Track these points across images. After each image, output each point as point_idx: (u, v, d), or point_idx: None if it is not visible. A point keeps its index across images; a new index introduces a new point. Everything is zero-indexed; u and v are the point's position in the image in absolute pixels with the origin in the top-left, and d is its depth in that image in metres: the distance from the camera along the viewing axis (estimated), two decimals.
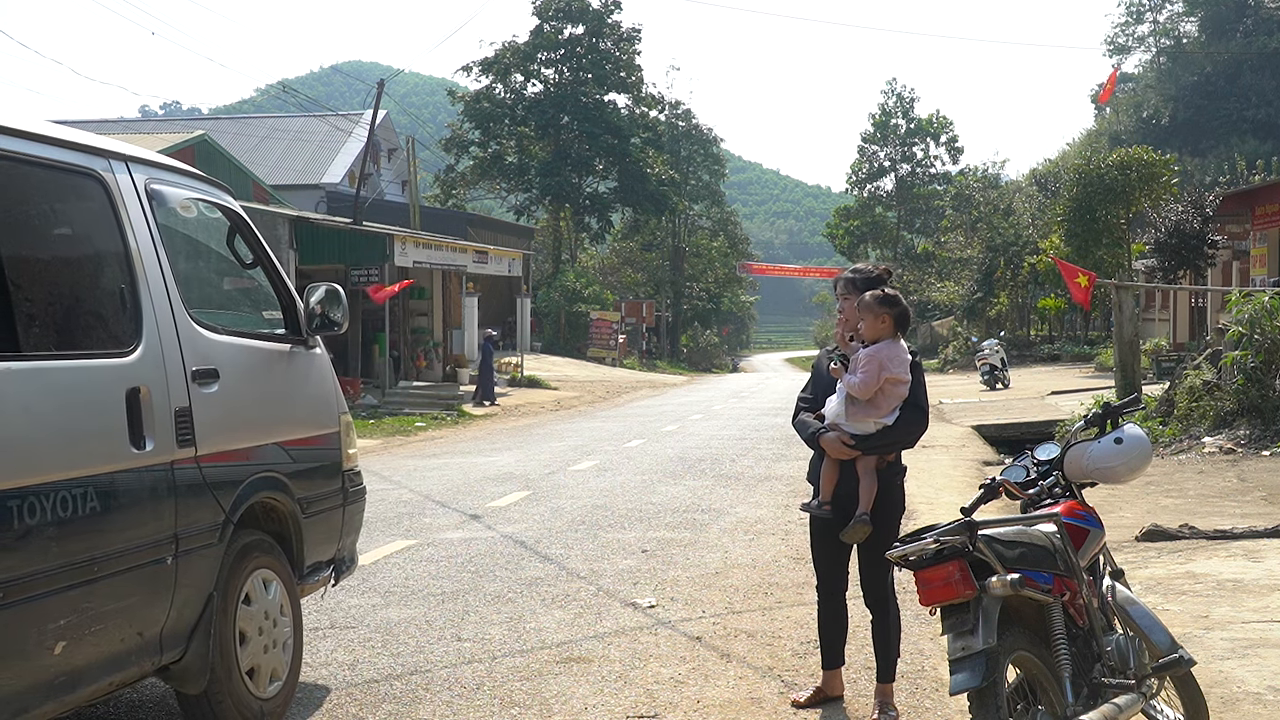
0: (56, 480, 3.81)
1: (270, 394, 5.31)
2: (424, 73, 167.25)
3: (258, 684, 4.94)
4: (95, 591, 3.98)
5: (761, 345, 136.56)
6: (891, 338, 5.00)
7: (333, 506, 5.76)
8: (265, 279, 5.59)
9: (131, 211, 4.52)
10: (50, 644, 3.79)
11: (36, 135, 4.14)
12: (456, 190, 58.74)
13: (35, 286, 4.00)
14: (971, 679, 3.72)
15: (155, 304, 4.50)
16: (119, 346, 4.29)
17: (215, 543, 4.67)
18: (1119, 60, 75.11)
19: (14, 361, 3.75)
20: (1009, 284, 46.69)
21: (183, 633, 4.51)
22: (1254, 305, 13.92)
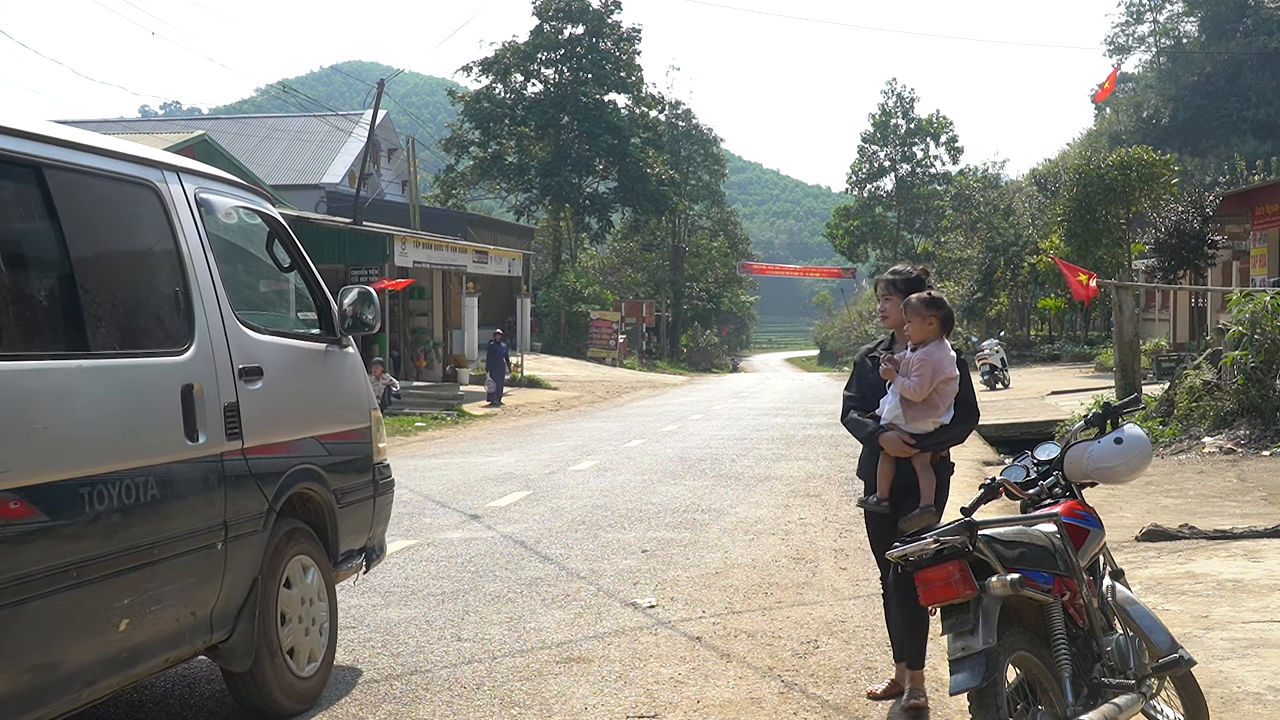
0: (121, 469, 4.12)
1: (308, 390, 5.64)
2: (424, 73, 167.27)
3: (298, 663, 5.25)
4: (155, 573, 4.28)
5: (761, 345, 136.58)
6: (938, 339, 5.11)
7: (364, 497, 6.05)
8: (301, 281, 5.90)
9: (183, 219, 4.83)
10: (116, 621, 4.09)
11: (99, 149, 4.48)
12: (456, 190, 58.74)
13: (101, 290, 4.33)
14: (971, 679, 3.72)
15: (205, 306, 4.83)
16: (174, 346, 4.62)
17: (260, 530, 4.97)
18: (1119, 60, 75.11)
19: (84, 360, 4.06)
20: (1009, 284, 46.70)
21: (230, 613, 4.83)
22: (1254, 305, 13.91)
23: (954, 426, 5.16)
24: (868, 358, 5.47)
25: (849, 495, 11.91)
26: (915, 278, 5.32)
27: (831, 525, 10.08)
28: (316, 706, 5.36)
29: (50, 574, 3.75)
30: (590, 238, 62.65)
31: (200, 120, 64.71)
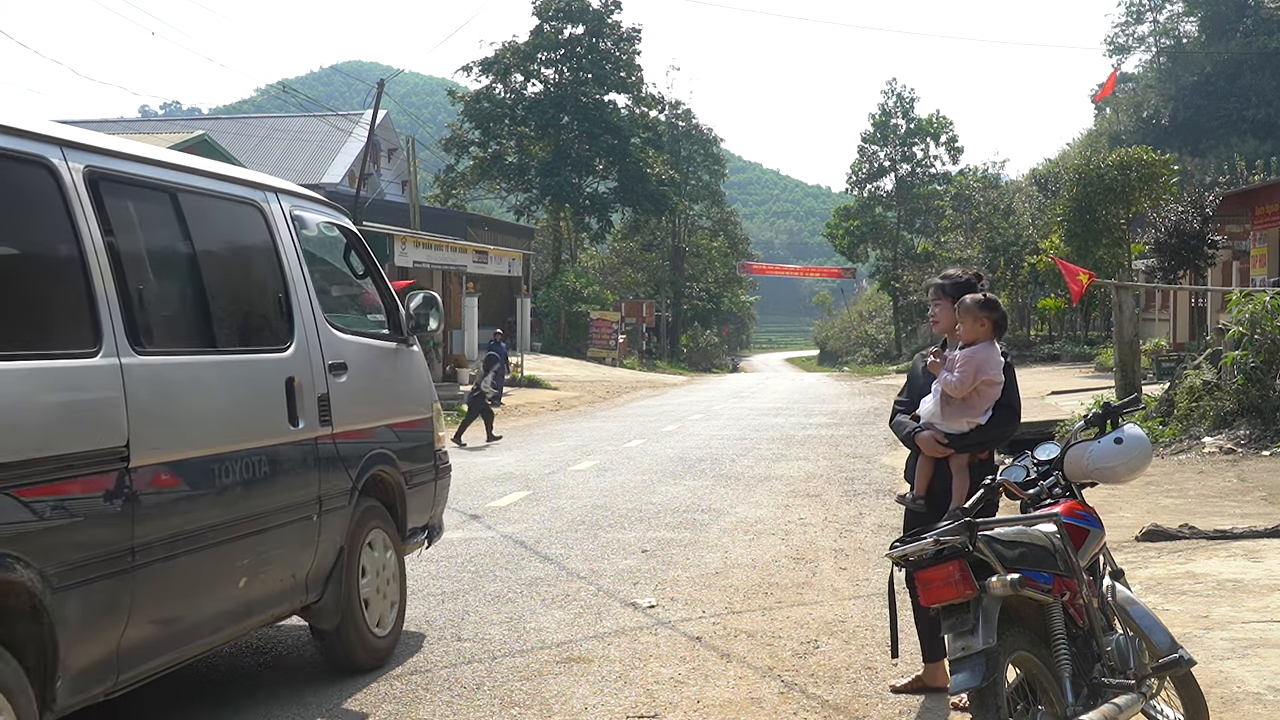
0: (241, 449, 4.87)
1: (382, 384, 6.36)
2: (424, 73, 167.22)
3: (373, 624, 5.95)
4: (266, 539, 5.03)
5: (761, 345, 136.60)
6: (989, 340, 5.19)
7: (428, 480, 6.77)
8: (373, 287, 6.67)
9: (283, 234, 5.60)
10: (237, 578, 4.87)
11: (215, 174, 5.32)
12: (456, 190, 58.72)
13: (223, 295, 5.12)
14: (971, 679, 3.72)
15: (301, 308, 5.57)
16: (279, 343, 5.36)
17: (346, 505, 5.70)
18: (1119, 60, 75.08)
19: (212, 355, 4.85)
20: (1009, 284, 46.69)
21: (322, 578, 5.56)
22: (1254, 305, 13.91)
23: (991, 429, 5.23)
24: (921, 360, 5.56)
25: (849, 495, 11.91)
26: (967, 281, 5.43)
27: (831, 525, 10.08)
28: (318, 707, 5.36)
29: (191, 535, 4.50)
30: (590, 238, 62.64)
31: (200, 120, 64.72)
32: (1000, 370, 5.19)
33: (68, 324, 4.12)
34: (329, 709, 5.35)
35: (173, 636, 4.52)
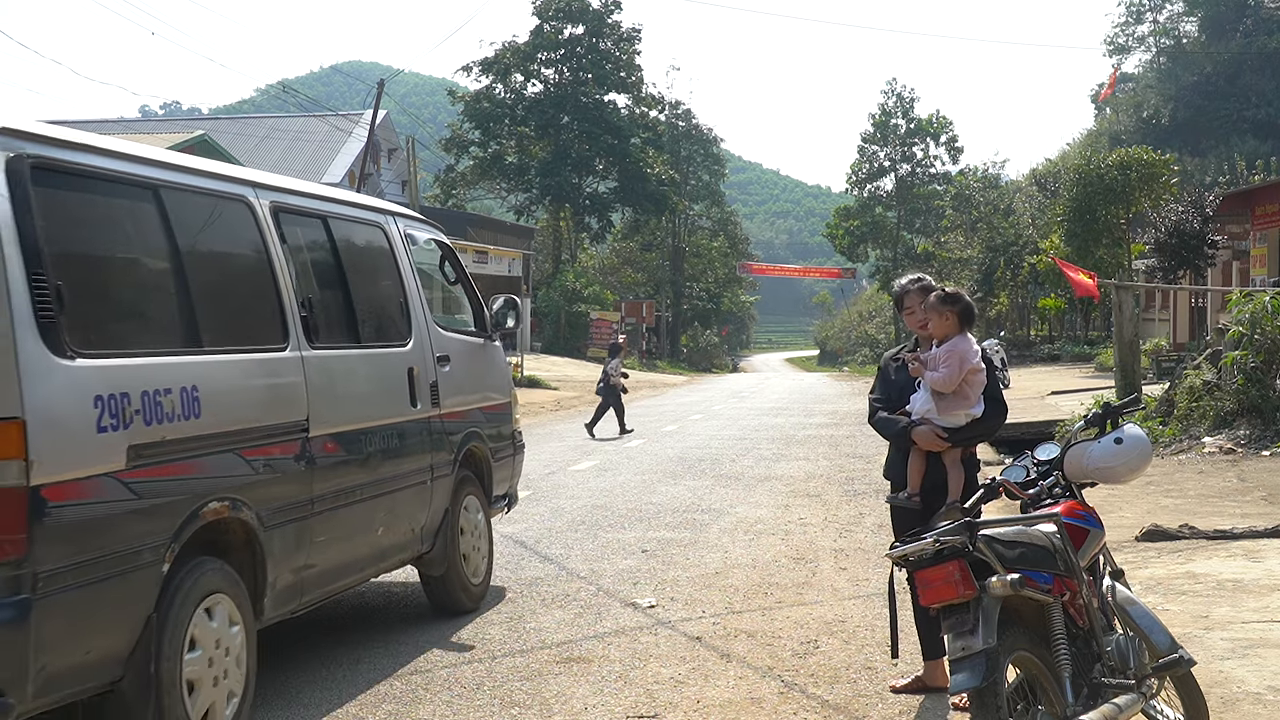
0: (379, 425, 6.11)
1: (474, 373, 7.54)
2: (424, 73, 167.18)
3: (470, 573, 7.09)
4: (396, 499, 6.23)
5: (761, 345, 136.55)
6: (959, 333, 5.25)
7: (508, 455, 7.97)
8: (463, 292, 7.83)
9: (400, 250, 6.87)
10: (377, 528, 6.08)
11: (354, 203, 6.73)
12: (456, 190, 58.71)
13: (364, 299, 6.32)
14: (971, 679, 3.72)
15: (416, 311, 6.79)
16: (401, 340, 6.59)
17: (449, 474, 6.89)
18: (1119, 60, 75.06)
19: (359, 349, 6.08)
20: (1009, 284, 46.67)
21: (432, 532, 6.71)
22: (1254, 305, 13.91)
23: (985, 420, 5.31)
24: (891, 361, 5.63)
25: (849, 495, 11.91)
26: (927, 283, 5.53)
27: (831, 525, 10.08)
28: (317, 707, 5.37)
29: (348, 491, 5.71)
30: (590, 238, 62.63)
31: (200, 120, 64.69)
32: (980, 359, 5.28)
33: (266, 325, 5.33)
34: (329, 709, 5.35)
35: (335, 571, 5.75)
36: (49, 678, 3.87)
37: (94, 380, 4.13)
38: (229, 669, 4.70)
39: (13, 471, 3.77)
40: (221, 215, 5.21)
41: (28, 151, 4.11)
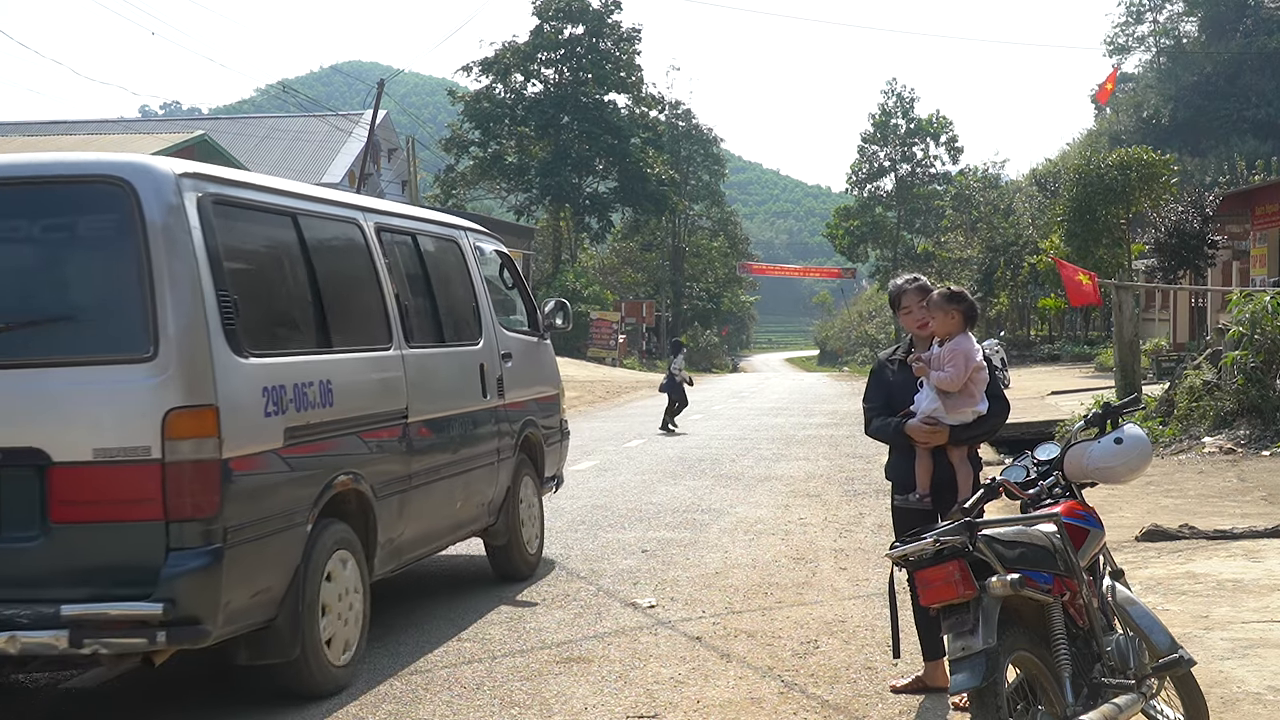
0: (459, 412, 7.09)
1: (529, 368, 8.44)
2: (424, 73, 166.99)
3: (528, 544, 8.04)
4: (471, 477, 7.20)
5: (761, 345, 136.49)
6: (961, 332, 5.27)
7: (557, 441, 8.94)
8: (518, 296, 8.85)
9: (471, 260, 7.89)
10: (456, 502, 7.04)
11: (436, 220, 7.90)
12: (456, 190, 58.71)
13: (447, 305, 7.32)
14: (971, 679, 3.72)
15: (485, 314, 7.82)
16: (474, 339, 7.59)
17: (510, 456, 7.82)
18: (1119, 60, 75.05)
19: (444, 348, 7.10)
20: (1009, 284, 46.65)
21: (497, 507, 7.66)
22: (1254, 305, 13.90)
23: (991, 417, 5.34)
24: (888, 363, 5.60)
25: (849, 495, 11.90)
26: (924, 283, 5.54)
27: (831, 525, 10.08)
28: (317, 707, 5.37)
29: (436, 469, 6.67)
30: (590, 238, 62.62)
31: (200, 120, 64.63)
32: (981, 357, 5.31)
33: (376, 328, 6.31)
34: (329, 709, 5.35)
35: (424, 538, 6.74)
36: (231, 612, 4.84)
37: (261, 375, 5.12)
38: (351, 612, 5.71)
39: (209, 447, 4.76)
40: (340, 236, 6.28)
41: (209, 190, 5.09)
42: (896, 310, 5.66)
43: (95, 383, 4.76)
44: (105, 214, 4.89)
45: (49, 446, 4.72)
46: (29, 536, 4.72)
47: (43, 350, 4.82)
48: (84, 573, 4.71)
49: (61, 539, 4.71)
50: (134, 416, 4.72)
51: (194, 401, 4.75)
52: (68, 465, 4.71)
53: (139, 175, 4.89)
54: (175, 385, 4.73)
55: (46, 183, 5.03)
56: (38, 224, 4.96)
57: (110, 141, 35.92)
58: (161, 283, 4.76)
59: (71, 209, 4.96)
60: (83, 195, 4.96)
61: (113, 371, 4.76)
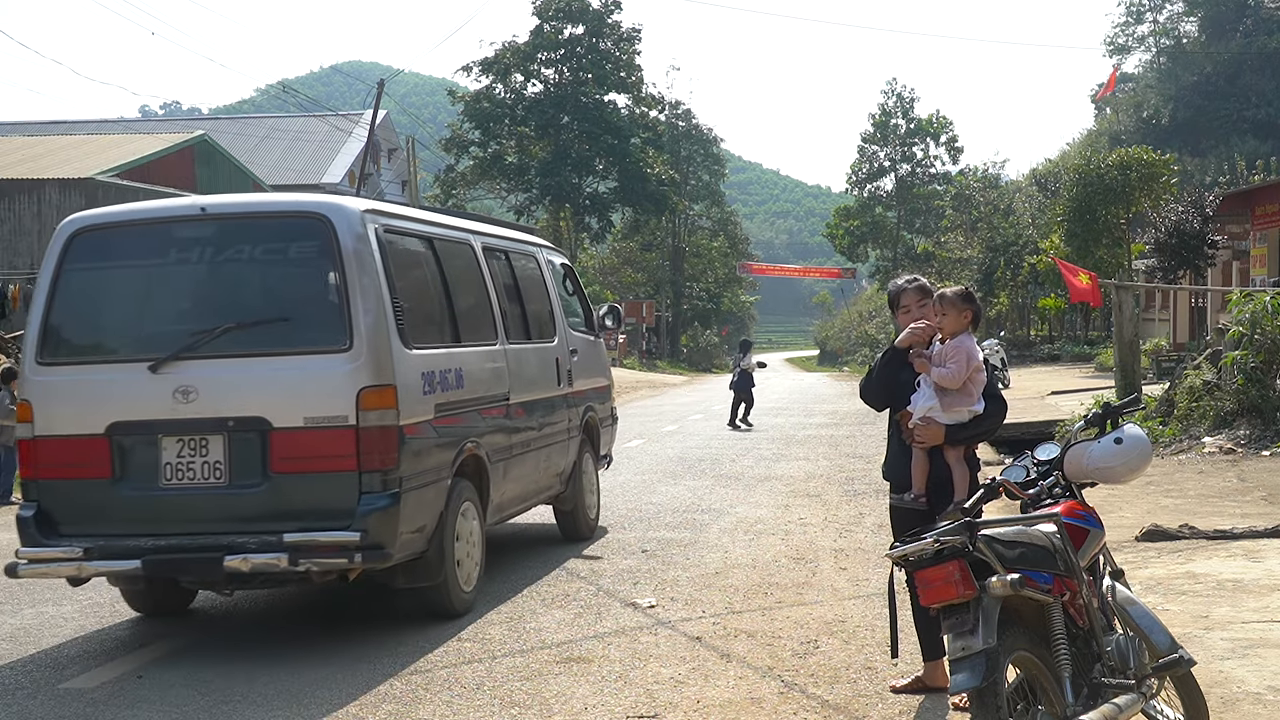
0: (544, 398, 8.65)
1: (589, 362, 10.04)
2: (424, 73, 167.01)
3: (588, 510, 9.67)
4: (551, 451, 8.76)
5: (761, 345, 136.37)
6: (968, 331, 5.32)
7: (609, 424, 10.63)
8: (578, 300, 10.31)
9: (546, 271, 9.55)
10: (541, 470, 8.58)
11: (523, 239, 9.52)
12: (456, 190, 58.65)
13: (532, 310, 8.88)
14: (971, 679, 3.72)
15: (558, 316, 9.44)
16: (551, 338, 9.15)
17: (576, 435, 9.43)
18: (1119, 60, 75.03)
19: (531, 344, 8.63)
20: (1009, 284, 46.64)
21: (565, 477, 9.21)
22: (1254, 305, 13.90)
23: (988, 417, 5.34)
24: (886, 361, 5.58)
25: (849, 495, 11.90)
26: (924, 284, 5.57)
27: (831, 525, 10.08)
28: (317, 707, 5.37)
29: (527, 443, 8.20)
30: (590, 238, 62.57)
31: (200, 120, 64.62)
32: (981, 358, 5.34)
33: (486, 327, 7.88)
34: (329, 709, 5.35)
35: (517, 498, 8.28)
36: (403, 542, 6.29)
37: (421, 363, 6.66)
38: (473, 552, 7.17)
39: (390, 416, 6.24)
40: (461, 253, 7.86)
41: (381, 222, 6.71)
42: (895, 310, 5.68)
43: (305, 368, 6.29)
44: (311, 241, 6.43)
45: (270, 415, 6.23)
46: (255, 484, 6.24)
47: (265, 344, 6.35)
48: (296, 511, 6.18)
49: (279, 485, 6.21)
50: (335, 393, 6.21)
51: (380, 382, 6.25)
52: (284, 430, 6.21)
53: (335, 212, 6.44)
54: (366, 370, 6.23)
55: (267, 217, 6.78)
56: (260, 248, 6.55)
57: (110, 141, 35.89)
58: (354, 293, 6.27)
59: (286, 237, 6.56)
60: (294, 227, 6.57)
61: (318, 359, 6.30)
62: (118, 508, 6.36)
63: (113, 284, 6.73)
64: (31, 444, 6.47)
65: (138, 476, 6.35)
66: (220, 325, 6.37)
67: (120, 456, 6.35)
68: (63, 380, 6.49)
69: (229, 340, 6.35)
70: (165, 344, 6.39)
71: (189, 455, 6.30)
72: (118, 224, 6.80)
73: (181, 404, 6.27)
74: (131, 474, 6.36)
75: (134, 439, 6.35)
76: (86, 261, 6.61)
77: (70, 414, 6.42)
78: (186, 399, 6.28)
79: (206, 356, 6.33)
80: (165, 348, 6.37)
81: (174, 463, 6.30)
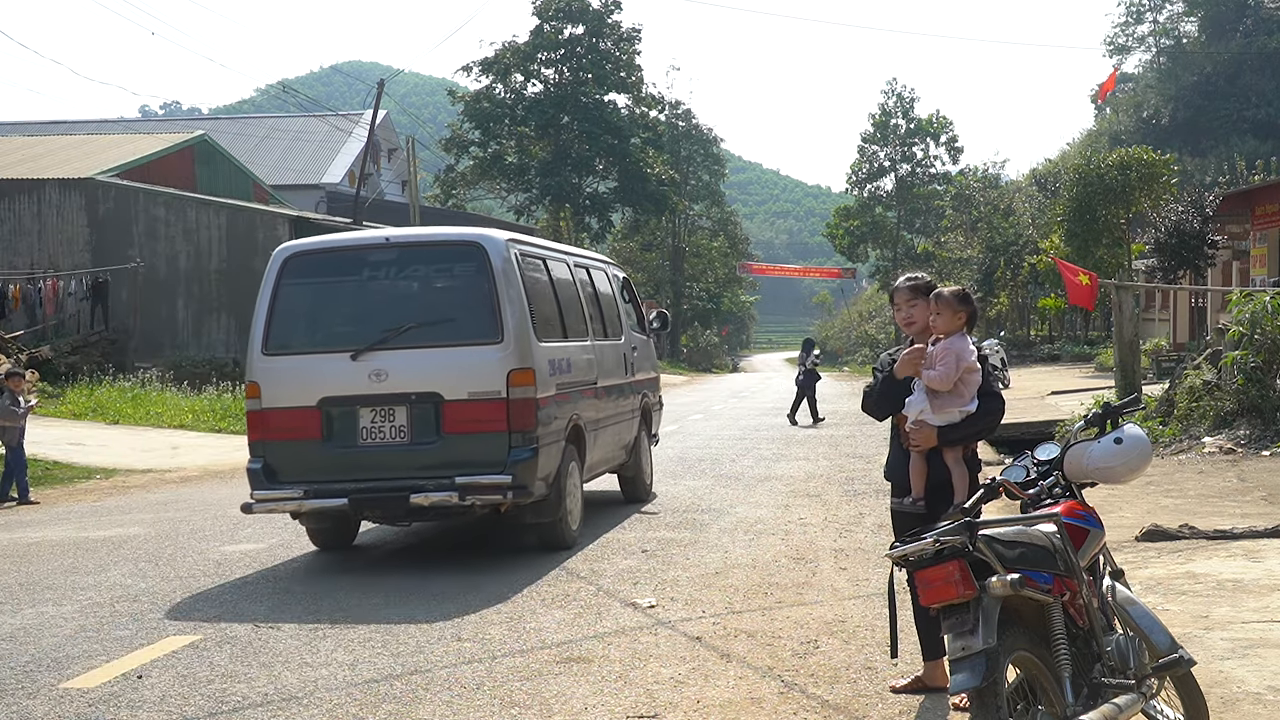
0: (617, 383, 10.86)
1: (643, 357, 12.26)
2: (424, 73, 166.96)
3: (646, 477, 11.87)
4: (620, 426, 10.89)
5: (762, 345, 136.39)
6: (962, 332, 5.28)
7: (658, 409, 12.86)
8: (632, 306, 12.39)
9: (614, 284, 11.81)
10: (615, 441, 10.75)
11: (602, 260, 12.16)
12: (456, 190, 58.66)
13: (606, 314, 11.11)
14: (971, 679, 3.71)
15: (623, 319, 11.67)
16: (619, 336, 11.31)
17: (637, 415, 11.62)
18: (1119, 60, 75.07)
19: (608, 340, 10.88)
20: (1009, 284, 46.66)
21: (629, 449, 11.30)
22: (1254, 305, 13.90)
23: (981, 417, 5.27)
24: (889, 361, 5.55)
25: (849, 495, 11.90)
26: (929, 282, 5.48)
27: (831, 525, 10.08)
28: (317, 707, 5.38)
29: (608, 418, 10.40)
30: (590, 238, 62.53)
31: (200, 120, 64.66)
32: (975, 357, 5.28)
33: (582, 327, 10.09)
34: (329, 709, 5.35)
35: (601, 462, 10.47)
36: (537, 485, 8.34)
37: (547, 353, 8.82)
38: (577, 499, 9.37)
39: (530, 391, 8.35)
40: (563, 269, 10.15)
41: (517, 249, 8.93)
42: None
43: (468, 356, 8.39)
44: (470, 262, 8.62)
45: (442, 391, 8.31)
46: (431, 441, 8.34)
47: (437, 338, 8.51)
48: (462, 461, 8.25)
49: (450, 442, 8.29)
50: (491, 374, 8.31)
51: (523, 365, 8.40)
52: (453, 401, 8.30)
53: (487, 241, 8.67)
54: (514, 357, 8.36)
55: (437, 245, 9.15)
56: (432, 268, 8.86)
57: (110, 141, 35.89)
58: (503, 300, 8.43)
59: (451, 259, 8.86)
60: (457, 252, 8.87)
61: (478, 349, 8.39)
62: (326, 461, 8.40)
63: (318, 295, 8.84)
64: (260, 414, 8.52)
65: (342, 437, 8.42)
66: (404, 325, 8.49)
67: (328, 422, 8.42)
68: (283, 366, 8.54)
69: (411, 336, 8.46)
70: (362, 339, 8.48)
71: (381, 421, 8.38)
72: (320, 250, 9.07)
73: (375, 383, 8.34)
74: (337, 435, 8.43)
75: (339, 409, 8.40)
76: (296, 278, 8.70)
77: (290, 391, 8.47)
78: (379, 379, 8.34)
79: (394, 348, 8.43)
80: (362, 342, 8.45)
81: (369, 427, 8.38)
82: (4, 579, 8.62)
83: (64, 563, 9.19)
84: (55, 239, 27.83)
